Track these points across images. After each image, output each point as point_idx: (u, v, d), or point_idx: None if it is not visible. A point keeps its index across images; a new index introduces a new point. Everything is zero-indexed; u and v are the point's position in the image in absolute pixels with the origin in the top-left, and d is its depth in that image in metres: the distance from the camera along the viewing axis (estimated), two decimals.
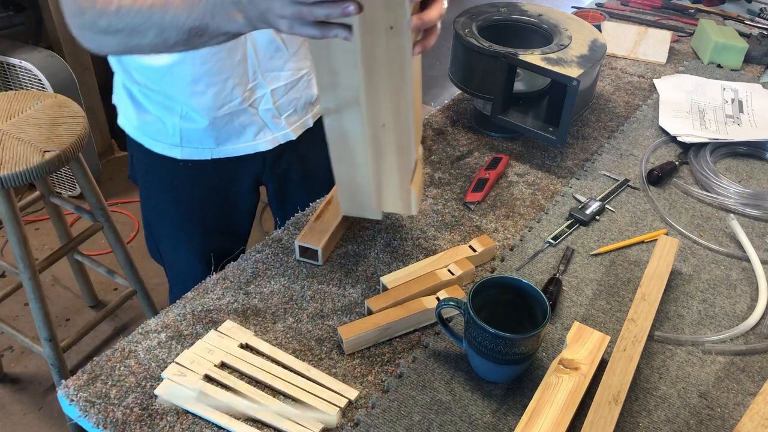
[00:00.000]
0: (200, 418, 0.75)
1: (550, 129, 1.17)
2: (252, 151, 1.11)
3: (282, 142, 1.12)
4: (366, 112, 0.81)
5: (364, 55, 0.75)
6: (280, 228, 1.03)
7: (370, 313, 0.86)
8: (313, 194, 1.10)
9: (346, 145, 0.86)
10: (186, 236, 1.21)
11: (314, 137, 0.92)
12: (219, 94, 1.02)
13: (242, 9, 0.76)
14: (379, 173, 0.87)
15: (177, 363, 0.79)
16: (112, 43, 0.85)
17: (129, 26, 0.81)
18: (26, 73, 2.24)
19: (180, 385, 0.77)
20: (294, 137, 1.13)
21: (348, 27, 0.72)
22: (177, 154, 1.10)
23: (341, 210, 0.96)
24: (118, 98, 1.14)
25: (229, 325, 0.85)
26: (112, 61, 1.08)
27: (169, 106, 1.05)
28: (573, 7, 1.83)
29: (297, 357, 0.82)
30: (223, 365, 0.80)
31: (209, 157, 1.10)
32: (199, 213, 1.19)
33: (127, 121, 1.13)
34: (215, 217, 1.20)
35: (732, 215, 1.07)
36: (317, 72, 0.80)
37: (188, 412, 0.75)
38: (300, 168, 1.20)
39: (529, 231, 1.04)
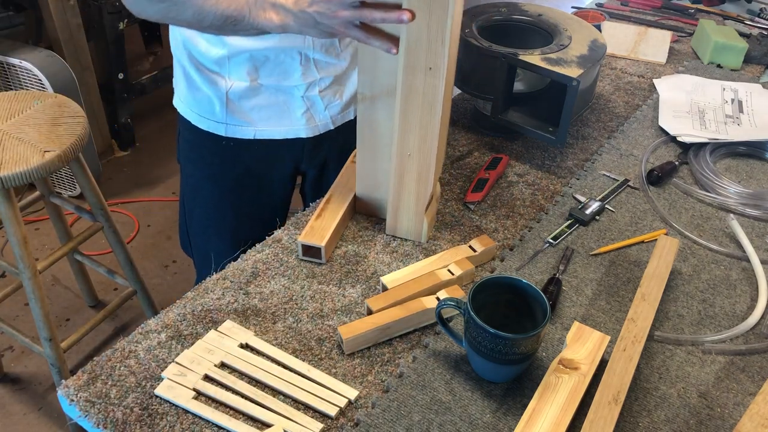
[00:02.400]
0: (200, 418, 0.75)
1: (550, 129, 1.17)
2: (293, 136, 1.16)
3: (322, 131, 1.17)
4: (397, 142, 0.92)
5: (404, 90, 0.86)
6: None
7: (370, 313, 0.86)
8: None
9: (373, 134, 0.96)
10: (217, 218, 1.25)
11: (353, 129, 1.02)
12: (268, 66, 1.08)
13: (282, 13, 0.85)
14: (398, 199, 0.97)
15: (177, 363, 0.79)
16: (153, 9, 0.94)
17: (174, 1, 0.91)
18: (26, 73, 2.24)
19: (180, 384, 0.77)
20: (333, 127, 1.18)
21: (392, 41, 0.82)
22: (221, 131, 1.15)
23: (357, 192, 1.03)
24: (176, 79, 1.20)
25: (229, 325, 0.85)
26: (172, 41, 1.14)
27: (218, 81, 1.10)
28: (573, 7, 1.83)
29: (297, 357, 0.82)
30: (223, 365, 0.80)
31: (252, 137, 1.14)
32: (233, 195, 1.23)
33: (179, 99, 1.20)
34: (249, 201, 1.24)
35: (732, 215, 1.07)
36: (361, 53, 0.89)
37: (188, 412, 0.75)
38: (337, 158, 1.23)
39: (529, 231, 1.04)
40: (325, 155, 1.23)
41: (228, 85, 1.10)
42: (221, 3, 0.88)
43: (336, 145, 1.21)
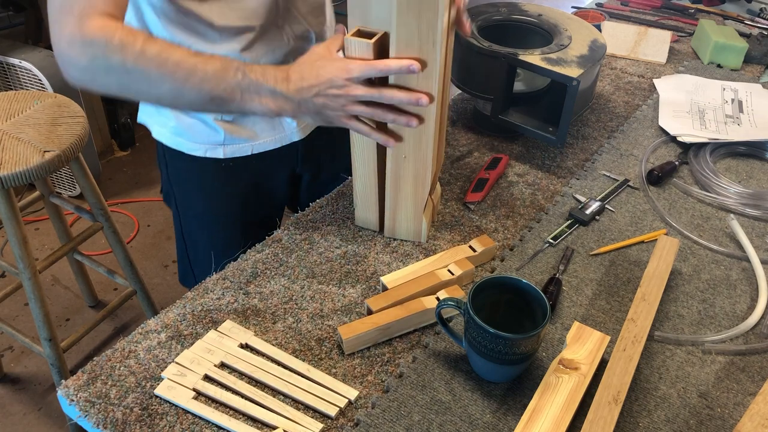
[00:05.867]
0: (200, 418, 0.75)
1: (550, 129, 1.17)
2: (287, 142, 1.14)
3: (313, 131, 1.17)
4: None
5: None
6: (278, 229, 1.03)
7: (370, 313, 0.86)
8: (343, 172, 1.14)
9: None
10: (226, 237, 1.21)
11: None
12: None
13: (281, 100, 0.82)
14: (396, 201, 0.96)
15: (177, 363, 0.79)
16: (111, 81, 0.82)
17: (145, 73, 0.80)
18: (26, 73, 2.24)
19: (180, 385, 0.77)
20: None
21: (393, 136, 0.86)
22: (219, 153, 1.11)
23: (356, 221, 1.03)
24: (147, 114, 1.14)
25: (229, 325, 0.85)
26: None
27: None
28: (573, 7, 1.83)
29: (297, 357, 0.82)
30: (222, 365, 0.80)
31: (249, 153, 1.12)
32: (239, 213, 1.20)
33: (164, 129, 1.12)
34: (254, 215, 1.22)
35: (732, 215, 1.07)
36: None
37: (188, 412, 0.75)
38: (330, 157, 1.23)
39: (529, 231, 1.04)
40: (318, 155, 1.22)
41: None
42: (207, 82, 0.80)
43: (330, 144, 1.21)
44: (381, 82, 0.83)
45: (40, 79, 2.23)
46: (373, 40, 0.80)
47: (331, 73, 0.80)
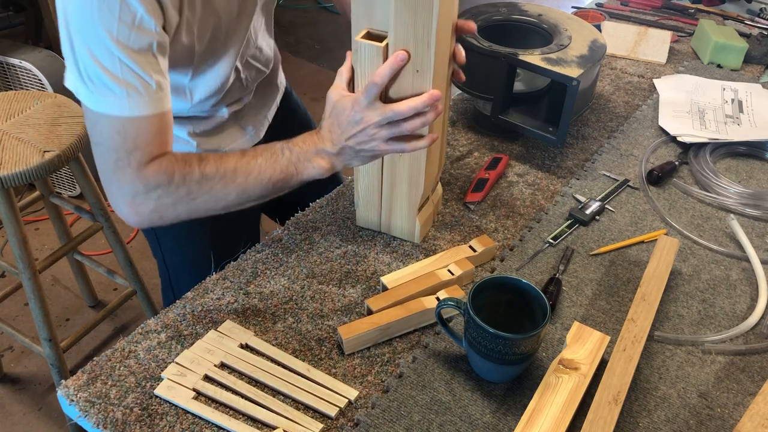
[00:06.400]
0: (200, 418, 0.75)
1: (550, 129, 1.17)
2: (249, 145, 1.15)
3: (266, 130, 1.19)
4: None
5: (392, 93, 0.84)
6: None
7: (370, 313, 0.86)
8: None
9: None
10: (207, 260, 1.21)
11: (284, 115, 1.08)
12: (216, 114, 1.08)
13: (326, 156, 0.86)
14: (391, 199, 0.96)
15: (177, 363, 0.79)
16: (180, 211, 0.85)
17: (211, 192, 0.84)
18: (26, 73, 2.24)
19: (180, 385, 0.77)
20: (270, 121, 1.20)
21: (432, 135, 0.85)
22: None
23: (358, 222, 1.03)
24: None
25: (229, 325, 0.85)
26: None
27: (184, 125, 1.08)
28: (573, 7, 1.83)
29: (297, 357, 0.82)
30: (222, 365, 0.80)
31: None
32: (216, 234, 1.18)
33: None
34: (233, 233, 1.20)
35: (732, 215, 1.07)
36: (354, 54, 0.86)
37: (188, 412, 0.75)
38: None
39: (529, 231, 1.04)
40: None
41: (192, 129, 1.08)
42: (265, 172, 0.85)
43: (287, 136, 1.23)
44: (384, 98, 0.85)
45: (40, 79, 2.23)
46: (384, 43, 0.80)
47: (346, 114, 0.83)
